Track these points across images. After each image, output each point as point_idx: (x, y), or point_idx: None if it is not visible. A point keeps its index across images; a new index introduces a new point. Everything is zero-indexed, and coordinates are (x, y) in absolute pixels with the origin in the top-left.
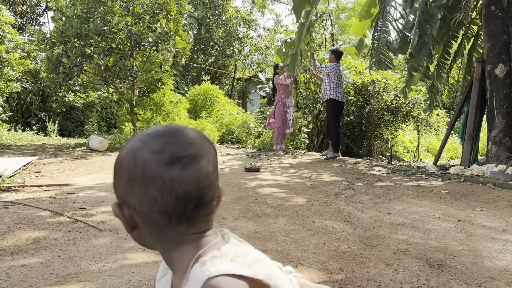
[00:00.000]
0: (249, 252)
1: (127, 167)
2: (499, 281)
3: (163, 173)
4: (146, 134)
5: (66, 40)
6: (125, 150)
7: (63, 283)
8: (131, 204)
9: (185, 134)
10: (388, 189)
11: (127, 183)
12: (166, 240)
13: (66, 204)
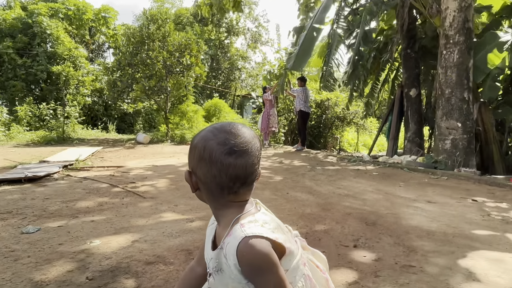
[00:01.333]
0: (273, 220)
1: (199, 150)
2: (412, 234)
3: (223, 159)
4: (215, 128)
5: (121, 68)
6: (199, 137)
7: (119, 234)
8: (198, 175)
9: (242, 133)
10: (337, 171)
11: (197, 160)
12: (217, 203)
13: (121, 179)
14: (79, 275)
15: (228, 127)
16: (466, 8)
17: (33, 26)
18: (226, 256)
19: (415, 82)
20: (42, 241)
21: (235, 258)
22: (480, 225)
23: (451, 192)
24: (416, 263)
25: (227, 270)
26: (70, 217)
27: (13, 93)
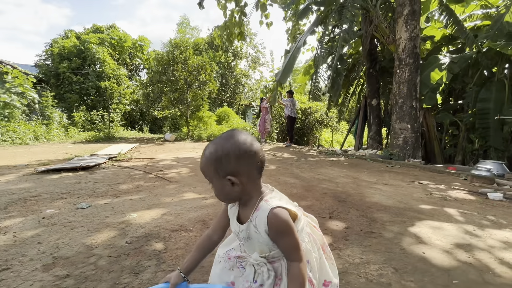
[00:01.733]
0: (283, 197)
1: (234, 152)
2: (373, 208)
3: (255, 151)
4: (230, 136)
5: (153, 84)
6: (223, 148)
7: (151, 209)
8: (241, 171)
9: (244, 133)
10: (317, 162)
11: (236, 160)
12: (254, 186)
13: (152, 168)
14: (120, 240)
15: (240, 132)
16: (415, 37)
17: (85, 51)
18: (256, 226)
19: (376, 94)
20: (92, 214)
21: (265, 225)
22: (425, 202)
23: (402, 177)
24: (376, 230)
25: (256, 237)
26: (114, 196)
27: (70, 103)
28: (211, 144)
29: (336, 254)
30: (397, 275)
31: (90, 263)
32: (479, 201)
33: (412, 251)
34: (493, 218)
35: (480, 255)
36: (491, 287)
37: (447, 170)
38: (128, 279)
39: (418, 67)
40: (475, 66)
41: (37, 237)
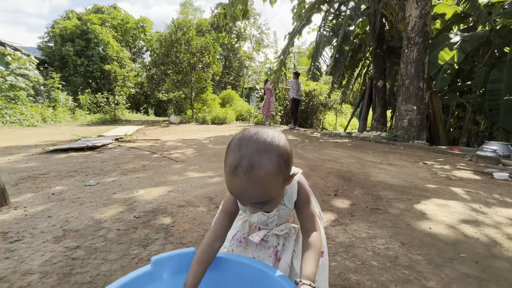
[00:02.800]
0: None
1: (283, 157)
2: (378, 187)
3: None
4: (270, 136)
5: (156, 66)
6: (279, 144)
7: (158, 186)
8: (290, 166)
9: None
10: (321, 143)
11: (288, 162)
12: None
13: (158, 149)
14: (129, 215)
15: (261, 129)
16: (425, 15)
17: (88, 32)
18: (285, 203)
19: (382, 75)
20: (100, 191)
21: (295, 194)
22: (430, 181)
23: (407, 158)
24: (382, 207)
25: (283, 213)
26: (121, 174)
27: (75, 86)
28: (256, 155)
29: (343, 229)
30: (404, 248)
31: (99, 235)
32: (484, 181)
33: (418, 227)
34: (499, 196)
35: (487, 230)
36: (499, 260)
37: (452, 151)
38: (137, 250)
39: (427, 47)
40: (487, 45)
41: (47, 212)
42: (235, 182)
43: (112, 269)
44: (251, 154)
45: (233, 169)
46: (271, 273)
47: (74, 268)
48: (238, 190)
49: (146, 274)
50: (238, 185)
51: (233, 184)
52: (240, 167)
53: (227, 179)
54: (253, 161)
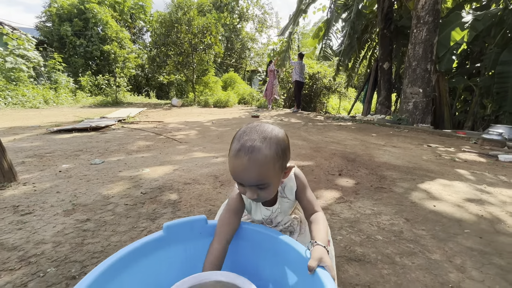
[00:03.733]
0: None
1: (281, 146)
2: (382, 167)
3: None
4: (266, 125)
5: (157, 47)
6: (277, 134)
7: (163, 165)
8: (288, 157)
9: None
10: (324, 126)
11: (286, 150)
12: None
13: (162, 130)
14: (135, 191)
15: (260, 123)
16: None
17: (86, 12)
18: (286, 196)
19: (388, 57)
20: (106, 169)
21: (295, 185)
22: (434, 162)
23: (411, 140)
24: (387, 186)
25: (286, 207)
26: (126, 154)
27: (76, 68)
28: (257, 142)
29: (347, 206)
30: (409, 224)
31: (108, 210)
32: (489, 163)
33: (422, 204)
34: (504, 178)
35: (491, 209)
36: (503, 236)
37: (456, 134)
38: (146, 223)
39: (437, 26)
40: (499, 25)
41: (55, 188)
42: (238, 163)
43: (122, 240)
44: (253, 140)
45: (236, 152)
46: (284, 239)
47: (86, 238)
48: (239, 170)
49: (158, 239)
50: (240, 166)
51: (236, 165)
52: (242, 149)
53: (231, 162)
54: (254, 145)
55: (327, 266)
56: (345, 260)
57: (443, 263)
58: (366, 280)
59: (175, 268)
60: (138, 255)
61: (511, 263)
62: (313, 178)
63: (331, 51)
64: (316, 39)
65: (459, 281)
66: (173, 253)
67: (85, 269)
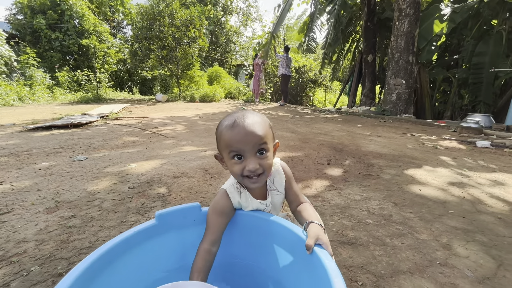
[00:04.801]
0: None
1: (267, 123)
2: (369, 156)
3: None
4: (242, 114)
5: (139, 41)
6: (256, 120)
7: (150, 160)
8: (273, 132)
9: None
10: (311, 118)
11: (269, 127)
12: None
13: (147, 125)
14: (123, 186)
15: (246, 111)
16: None
17: (60, 3)
18: (277, 189)
19: (372, 49)
20: (90, 165)
21: (283, 177)
22: (418, 150)
23: (395, 130)
24: (374, 173)
25: (278, 200)
26: (110, 150)
27: (52, 63)
28: (248, 114)
29: (337, 193)
30: (397, 208)
31: (94, 205)
32: (468, 149)
33: (409, 189)
34: (482, 162)
35: (472, 191)
36: (484, 215)
37: (437, 123)
38: (135, 217)
39: (418, 18)
40: (476, 17)
41: (35, 186)
42: (236, 132)
43: (111, 234)
44: (243, 113)
45: (232, 123)
46: (279, 221)
47: (72, 235)
48: (240, 135)
49: (150, 228)
50: (241, 130)
51: (234, 135)
52: (237, 119)
53: (227, 135)
54: (247, 114)
55: (324, 243)
56: (338, 244)
57: (430, 242)
58: (359, 262)
59: (169, 257)
60: (130, 244)
61: (492, 240)
62: (303, 168)
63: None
64: (302, 34)
65: (446, 258)
66: (166, 241)
67: (72, 266)
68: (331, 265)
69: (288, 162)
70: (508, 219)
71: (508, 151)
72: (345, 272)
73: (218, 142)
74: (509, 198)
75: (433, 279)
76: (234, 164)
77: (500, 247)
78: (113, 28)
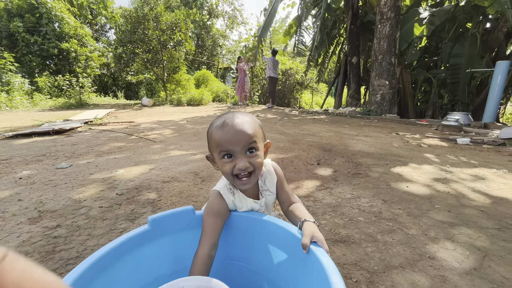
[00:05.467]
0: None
1: (257, 123)
2: (357, 155)
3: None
4: (234, 115)
5: (123, 44)
6: (247, 121)
7: (138, 165)
8: (264, 132)
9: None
10: (300, 120)
11: (259, 127)
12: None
13: (134, 130)
14: (110, 192)
15: (237, 113)
16: None
17: (38, 6)
18: (269, 189)
19: (356, 51)
20: (75, 172)
21: (275, 177)
22: (403, 148)
23: (381, 129)
24: (363, 172)
25: (270, 200)
26: (96, 156)
27: (31, 67)
28: (238, 114)
29: (328, 192)
30: (386, 205)
31: (80, 214)
32: (450, 146)
33: (397, 186)
34: (463, 158)
35: (455, 186)
36: (468, 208)
37: (420, 122)
38: (125, 224)
39: (398, 22)
40: (452, 20)
41: (16, 195)
42: (226, 131)
43: (99, 243)
44: (233, 114)
45: (221, 123)
46: (274, 221)
47: (58, 245)
48: (230, 134)
49: (143, 233)
50: (228, 132)
51: (223, 134)
52: (227, 119)
53: (217, 134)
54: (237, 115)
55: (319, 240)
56: (331, 242)
57: (419, 236)
58: (353, 259)
59: (164, 262)
60: (123, 251)
61: (477, 231)
62: (293, 168)
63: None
64: (287, 37)
65: (435, 251)
66: (160, 247)
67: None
68: (328, 262)
69: (279, 163)
70: (490, 211)
71: (486, 147)
72: (339, 269)
73: (208, 142)
74: (489, 192)
75: (423, 272)
76: (225, 163)
77: (484, 239)
78: (95, 32)
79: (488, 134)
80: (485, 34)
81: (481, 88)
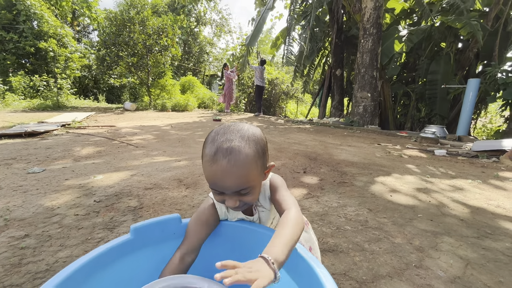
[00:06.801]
0: None
1: (261, 142)
2: (342, 164)
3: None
4: (241, 124)
5: (106, 46)
6: (255, 132)
7: (118, 171)
8: (267, 157)
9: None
10: (285, 129)
11: (263, 150)
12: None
13: (115, 135)
14: (87, 199)
15: (235, 123)
16: (379, 7)
17: (16, 3)
18: (262, 205)
19: (340, 64)
20: (48, 178)
21: (267, 190)
22: (385, 159)
23: (363, 140)
24: (348, 181)
25: (264, 216)
26: (73, 161)
27: (4, 66)
28: (235, 141)
29: (315, 201)
30: (372, 213)
31: (53, 222)
32: (428, 157)
33: (381, 195)
34: (441, 169)
35: (436, 195)
36: (448, 217)
37: (400, 134)
38: (102, 233)
39: (380, 38)
40: (428, 39)
41: None
42: (215, 168)
43: (73, 254)
44: (230, 141)
45: (213, 155)
46: (265, 231)
47: (25, 257)
48: (218, 176)
49: (125, 243)
50: (218, 171)
51: (213, 171)
52: (219, 151)
53: (206, 169)
54: (232, 145)
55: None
56: (320, 251)
57: (404, 245)
58: (342, 269)
59: (146, 276)
60: (102, 262)
61: (458, 240)
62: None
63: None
64: (274, 48)
65: (420, 260)
66: (143, 257)
67: None
68: (323, 272)
69: None
70: (469, 220)
71: (461, 158)
72: None
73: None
74: (467, 202)
75: (410, 282)
76: (215, 194)
77: (465, 247)
78: (77, 33)
79: (462, 147)
80: (458, 54)
81: (454, 103)
